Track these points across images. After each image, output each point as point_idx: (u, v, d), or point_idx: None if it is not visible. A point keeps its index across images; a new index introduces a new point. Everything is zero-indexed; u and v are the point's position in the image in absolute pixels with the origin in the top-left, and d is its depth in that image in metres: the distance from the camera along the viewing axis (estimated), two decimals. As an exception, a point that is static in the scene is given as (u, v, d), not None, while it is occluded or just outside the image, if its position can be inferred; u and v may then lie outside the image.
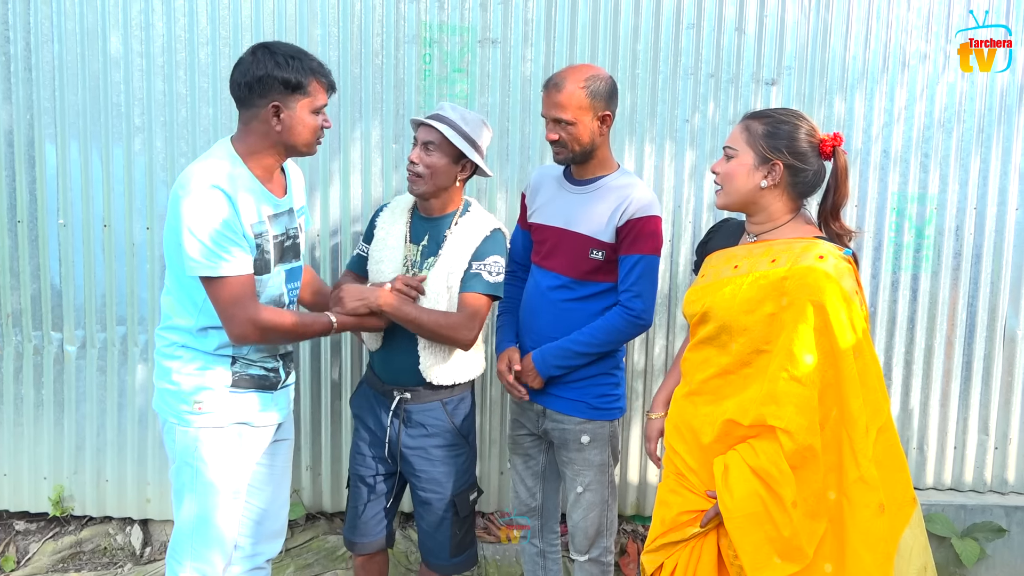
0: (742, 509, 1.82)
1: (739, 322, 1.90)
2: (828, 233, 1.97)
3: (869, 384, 1.83)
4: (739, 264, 1.98)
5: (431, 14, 3.00)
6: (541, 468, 2.64)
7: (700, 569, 1.93)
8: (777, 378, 1.80)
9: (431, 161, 2.33)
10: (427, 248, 2.40)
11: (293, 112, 2.07)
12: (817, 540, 1.79)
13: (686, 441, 2.00)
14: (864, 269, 3.23)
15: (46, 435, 3.12)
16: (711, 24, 3.08)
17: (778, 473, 1.79)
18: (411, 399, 2.42)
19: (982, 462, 3.35)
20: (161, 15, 2.92)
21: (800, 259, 1.85)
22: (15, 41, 2.92)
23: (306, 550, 3.13)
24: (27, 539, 3.16)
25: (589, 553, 2.54)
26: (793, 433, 1.78)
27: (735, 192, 1.96)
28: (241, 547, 2.32)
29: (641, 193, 2.39)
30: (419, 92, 3.03)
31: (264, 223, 2.12)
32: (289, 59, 2.05)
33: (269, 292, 2.17)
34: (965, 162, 3.21)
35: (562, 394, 2.47)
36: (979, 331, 3.29)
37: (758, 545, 1.80)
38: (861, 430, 1.79)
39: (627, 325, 2.38)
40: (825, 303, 1.79)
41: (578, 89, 2.32)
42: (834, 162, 1.94)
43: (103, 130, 2.97)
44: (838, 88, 3.14)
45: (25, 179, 2.99)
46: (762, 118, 1.94)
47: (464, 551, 2.53)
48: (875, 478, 1.79)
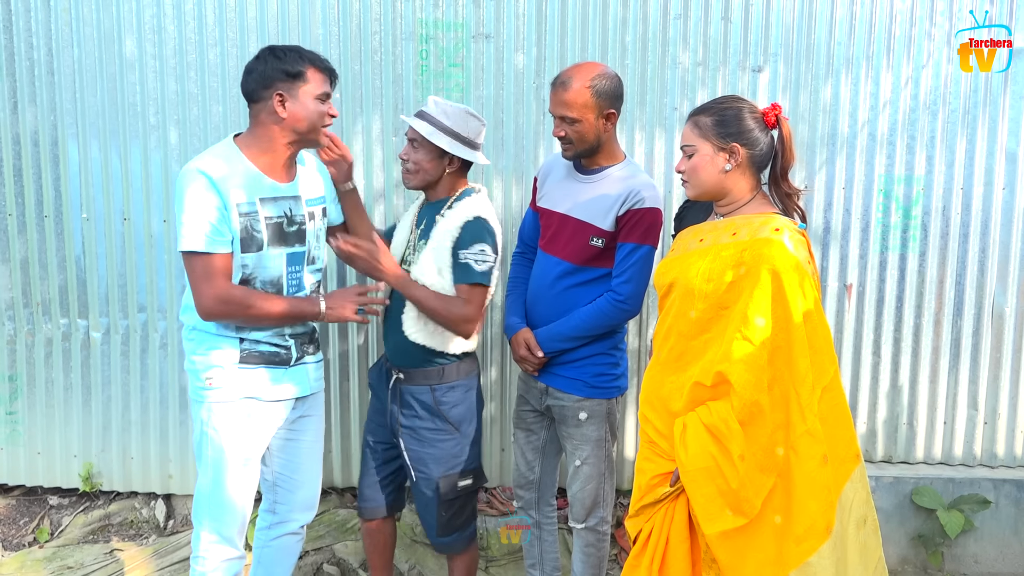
0: (695, 463, 1.95)
1: (701, 290, 2.03)
2: (778, 194, 2.11)
3: (816, 346, 1.95)
4: (704, 238, 2.12)
5: (427, 11, 3.13)
6: (542, 443, 2.76)
7: (673, 530, 2.05)
8: (732, 339, 1.94)
9: (417, 157, 2.49)
10: (423, 231, 2.55)
11: (296, 99, 2.24)
12: (765, 493, 1.91)
13: (656, 410, 2.13)
14: (852, 249, 3.32)
15: (75, 416, 3.33)
16: (698, 14, 3.17)
17: (726, 429, 1.92)
18: (404, 380, 2.57)
19: (971, 436, 3.43)
20: (172, 19, 3.09)
21: (758, 232, 1.99)
22: (38, 47, 3.11)
23: (318, 523, 3.31)
24: (60, 513, 3.39)
25: (586, 522, 2.67)
26: (740, 389, 1.91)
27: (702, 183, 2.09)
28: (279, 513, 2.52)
29: (644, 185, 2.48)
30: (417, 87, 3.17)
31: (254, 204, 2.25)
32: (287, 52, 2.26)
33: (267, 273, 2.31)
34: (951, 143, 3.27)
35: (562, 373, 2.59)
36: (967, 309, 3.36)
37: (710, 498, 1.94)
38: (808, 388, 1.92)
39: (614, 310, 2.49)
40: (779, 271, 1.92)
41: (584, 88, 2.40)
42: (779, 130, 2.08)
43: (121, 129, 3.15)
44: (824, 74, 3.22)
45: (50, 176, 3.19)
46: (707, 112, 2.08)
47: (452, 532, 2.62)
48: (819, 432, 1.92)
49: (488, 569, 3.25)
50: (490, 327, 3.33)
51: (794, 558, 1.92)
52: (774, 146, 2.09)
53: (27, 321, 3.28)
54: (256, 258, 2.27)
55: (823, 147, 3.26)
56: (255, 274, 2.29)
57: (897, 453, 3.44)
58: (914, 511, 3.29)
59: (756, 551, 1.94)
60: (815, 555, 1.91)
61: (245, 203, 2.23)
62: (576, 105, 2.41)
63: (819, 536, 1.92)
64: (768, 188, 2.13)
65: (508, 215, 3.25)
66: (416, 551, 3.23)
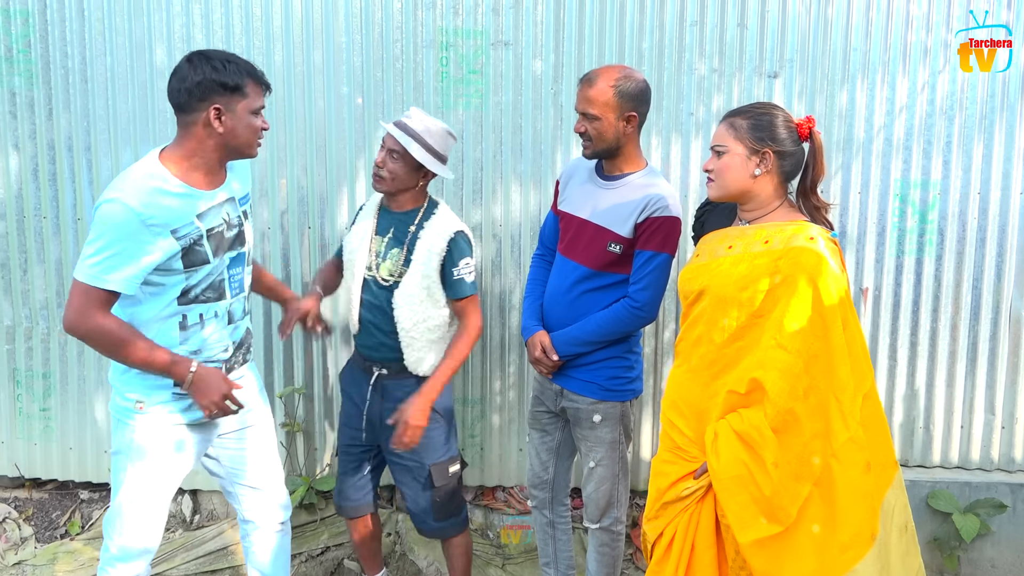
0: (727, 472, 1.96)
1: (734, 298, 2.04)
2: (806, 207, 2.12)
3: (855, 354, 1.96)
4: (733, 245, 2.12)
5: (447, 20, 3.21)
6: (556, 444, 2.81)
7: (699, 537, 2.06)
8: (768, 347, 1.95)
9: (394, 168, 2.52)
10: (392, 240, 2.60)
11: (234, 114, 2.12)
12: (800, 501, 1.91)
13: (685, 416, 2.14)
14: (868, 254, 3.34)
15: (102, 412, 3.43)
16: (714, 20, 3.21)
17: (759, 436, 1.93)
18: (388, 374, 2.64)
19: (988, 441, 3.43)
20: (201, 28, 3.19)
21: (792, 240, 2.00)
22: (72, 56, 3.22)
23: (339, 519, 3.38)
24: (90, 506, 3.49)
25: (601, 522, 2.71)
26: (774, 396, 1.92)
27: (728, 184, 2.10)
28: (252, 520, 2.54)
29: (664, 193, 2.49)
30: (437, 93, 3.24)
31: (193, 223, 2.14)
32: (225, 63, 2.10)
33: (209, 280, 2.22)
34: (968, 148, 3.28)
35: (577, 375, 2.63)
36: (984, 313, 3.36)
37: (744, 506, 1.94)
38: (849, 395, 1.92)
39: (630, 316, 2.52)
40: (816, 280, 1.94)
41: (608, 87, 2.44)
42: (811, 142, 2.11)
43: (151, 135, 3.25)
44: (840, 79, 3.25)
45: (84, 180, 3.30)
46: (743, 114, 2.10)
47: (448, 517, 2.73)
48: (862, 439, 1.92)
49: (505, 567, 3.31)
50: (507, 328, 3.38)
51: (839, 566, 1.91)
52: (803, 157, 2.11)
53: (60, 320, 3.38)
54: (201, 271, 2.19)
55: (839, 152, 3.28)
56: (197, 283, 2.20)
57: (913, 457, 3.45)
58: (930, 515, 3.30)
59: (794, 561, 1.93)
60: (860, 563, 1.91)
61: (183, 226, 2.12)
62: (598, 102, 2.45)
63: (864, 544, 1.92)
64: (796, 199, 2.16)
65: (526, 219, 3.31)
66: (434, 547, 3.29)
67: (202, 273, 2.20)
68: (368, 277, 2.61)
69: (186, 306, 2.20)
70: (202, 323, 2.23)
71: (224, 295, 2.28)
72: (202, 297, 2.22)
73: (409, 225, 2.59)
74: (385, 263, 2.58)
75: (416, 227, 2.58)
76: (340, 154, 3.28)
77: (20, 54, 3.22)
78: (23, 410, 3.45)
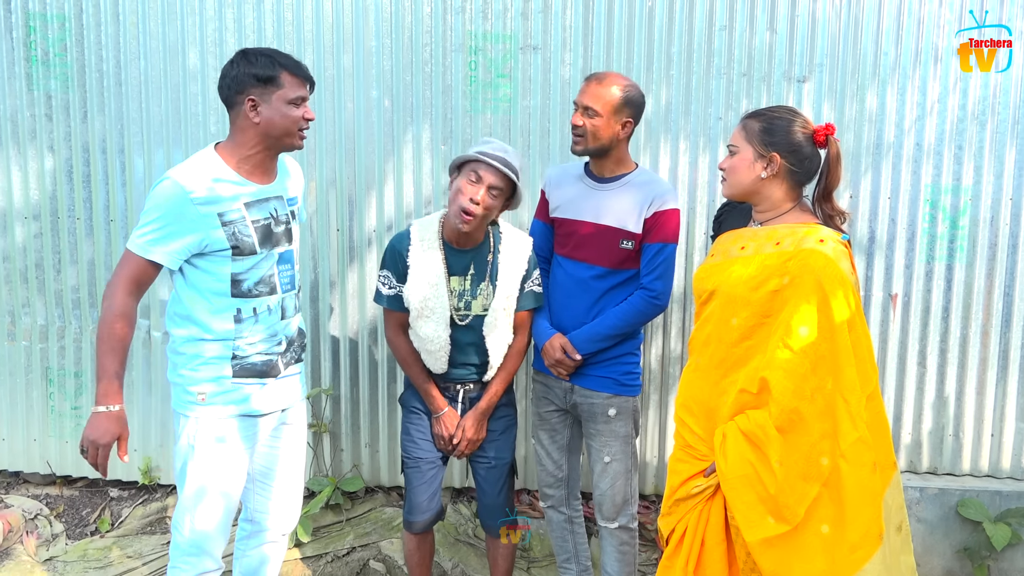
0: (734, 472, 1.99)
1: (744, 298, 2.06)
2: (822, 214, 2.13)
3: (861, 355, 1.97)
4: (745, 245, 2.15)
5: (476, 24, 3.22)
6: (566, 441, 2.85)
7: (709, 532, 2.09)
8: (775, 347, 1.97)
9: (493, 204, 2.48)
10: (475, 277, 2.60)
11: (269, 104, 2.21)
12: (808, 501, 1.93)
13: (694, 414, 2.17)
14: (897, 259, 3.32)
15: (136, 412, 3.47)
16: (743, 25, 3.21)
17: (763, 435, 1.95)
18: (472, 389, 2.69)
19: (1020, 449, 3.39)
20: (233, 32, 3.23)
21: (803, 242, 2.01)
22: (107, 59, 3.27)
23: (365, 520, 3.41)
24: (120, 504, 3.54)
25: (618, 520, 2.74)
26: (778, 396, 1.93)
27: (737, 183, 2.14)
28: (257, 522, 2.54)
29: (664, 188, 2.65)
30: (465, 97, 3.26)
31: (239, 210, 2.24)
32: (260, 56, 2.22)
33: (258, 273, 2.30)
34: (1000, 153, 3.25)
35: (591, 372, 2.69)
36: (1016, 320, 3.33)
37: (751, 505, 1.97)
38: (857, 396, 1.93)
39: (648, 306, 2.62)
40: (824, 282, 1.95)
41: (616, 87, 2.55)
42: (827, 149, 2.11)
43: (183, 137, 3.30)
44: (870, 83, 3.23)
45: (117, 182, 3.35)
46: (758, 117, 2.12)
47: (515, 507, 2.85)
48: (869, 439, 1.94)
49: (530, 570, 3.31)
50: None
51: (849, 566, 1.92)
52: (819, 164, 2.11)
53: (92, 320, 3.43)
54: (247, 261, 2.27)
55: (868, 156, 3.27)
56: (246, 276, 2.28)
57: (943, 464, 3.42)
58: (960, 523, 3.27)
59: (803, 561, 1.94)
60: (869, 563, 1.92)
61: (229, 211, 2.22)
62: (603, 100, 2.53)
63: (873, 542, 1.93)
64: (812, 203, 2.16)
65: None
66: (459, 550, 3.30)
67: (250, 263, 2.28)
68: (457, 318, 2.60)
69: (239, 299, 2.29)
70: (255, 317, 2.32)
71: (275, 290, 2.36)
72: (254, 291, 2.31)
73: (486, 256, 2.61)
74: (477, 300, 2.60)
75: (493, 255, 2.61)
76: (369, 157, 3.31)
77: (56, 58, 3.28)
78: (55, 408, 3.50)
